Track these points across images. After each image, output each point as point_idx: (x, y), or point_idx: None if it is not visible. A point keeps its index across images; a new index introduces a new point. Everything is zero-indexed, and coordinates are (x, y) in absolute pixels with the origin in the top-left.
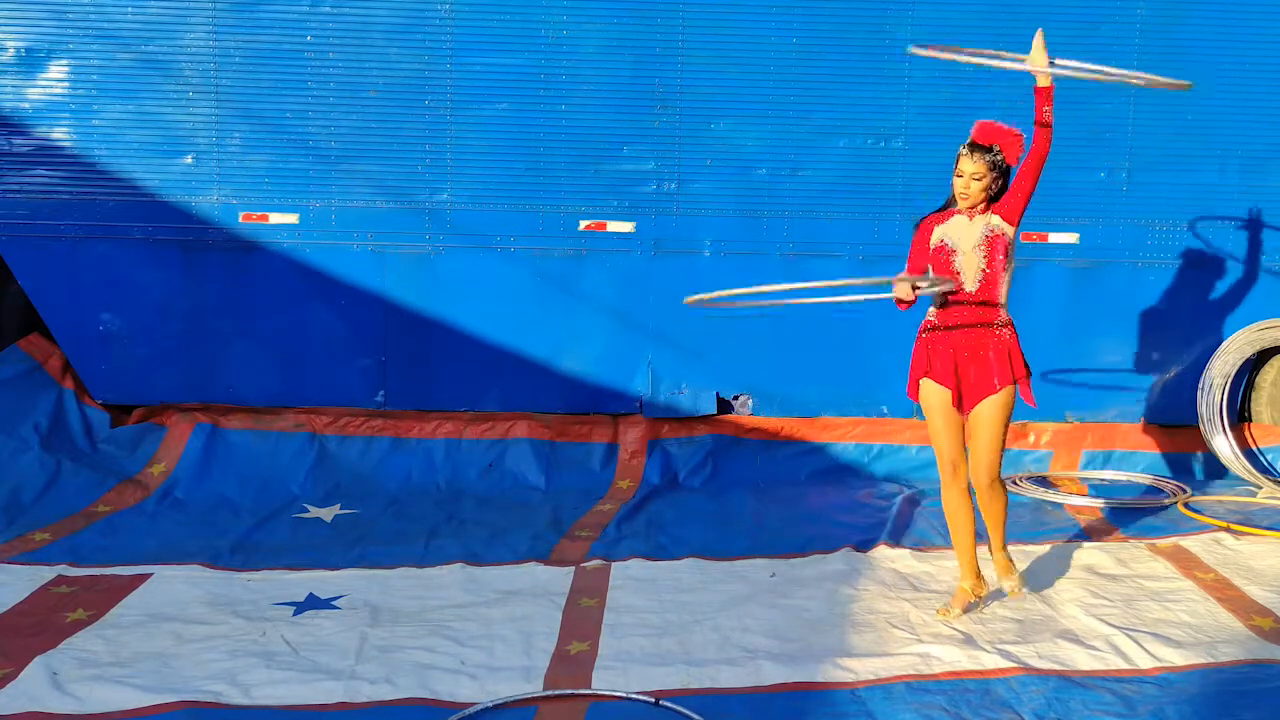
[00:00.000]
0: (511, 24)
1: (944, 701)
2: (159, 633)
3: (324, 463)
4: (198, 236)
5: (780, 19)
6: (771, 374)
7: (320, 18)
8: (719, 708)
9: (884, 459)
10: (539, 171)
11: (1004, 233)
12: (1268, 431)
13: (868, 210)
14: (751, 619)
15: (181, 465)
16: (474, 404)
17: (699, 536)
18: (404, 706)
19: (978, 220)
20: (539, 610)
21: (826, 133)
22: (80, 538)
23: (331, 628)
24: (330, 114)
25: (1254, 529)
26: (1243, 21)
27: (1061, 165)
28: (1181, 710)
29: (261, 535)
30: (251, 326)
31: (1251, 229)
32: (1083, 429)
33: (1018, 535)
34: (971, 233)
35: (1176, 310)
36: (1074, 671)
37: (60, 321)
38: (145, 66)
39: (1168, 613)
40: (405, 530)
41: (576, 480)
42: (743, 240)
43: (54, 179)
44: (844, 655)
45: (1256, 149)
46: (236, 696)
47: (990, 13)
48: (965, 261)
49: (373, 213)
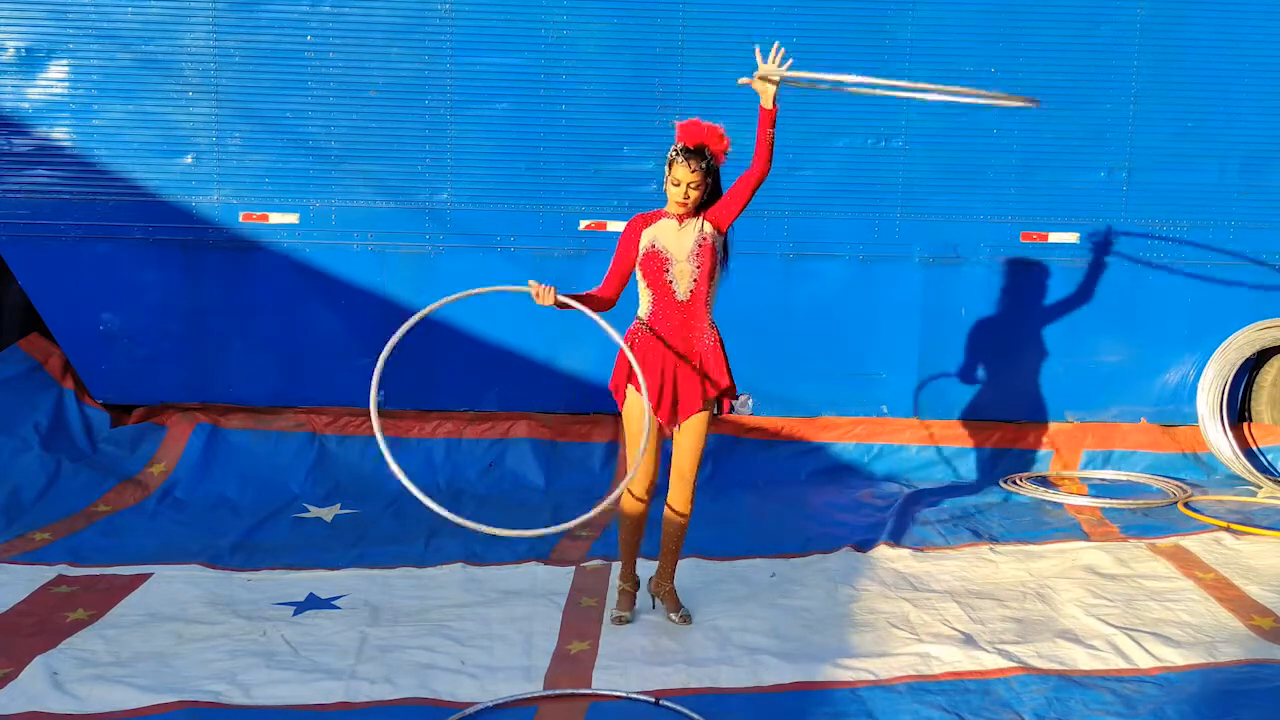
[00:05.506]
0: (511, 24)
1: (944, 701)
2: (159, 633)
3: (324, 462)
4: (198, 236)
5: (780, 19)
6: (771, 374)
7: (320, 18)
8: (719, 708)
9: (884, 459)
10: (539, 171)
11: (715, 240)
12: (1268, 431)
13: (868, 210)
14: (751, 619)
15: (181, 465)
16: (474, 404)
17: (699, 536)
18: (404, 706)
19: (689, 226)
20: (539, 610)
21: (826, 132)
22: (80, 538)
23: (331, 627)
24: (330, 114)
25: (1254, 529)
26: (1243, 21)
27: (1061, 165)
28: (1181, 710)
29: (261, 535)
30: (251, 326)
31: (1251, 229)
32: (1083, 429)
33: (1018, 535)
34: (684, 241)
35: (1176, 310)
36: (1074, 671)
37: (60, 321)
38: (145, 66)
39: (1168, 612)
40: (405, 530)
41: (576, 480)
42: (742, 240)
43: (54, 179)
44: (844, 655)
45: (1256, 149)
46: (236, 696)
47: (990, 13)
48: (679, 271)
49: (373, 212)
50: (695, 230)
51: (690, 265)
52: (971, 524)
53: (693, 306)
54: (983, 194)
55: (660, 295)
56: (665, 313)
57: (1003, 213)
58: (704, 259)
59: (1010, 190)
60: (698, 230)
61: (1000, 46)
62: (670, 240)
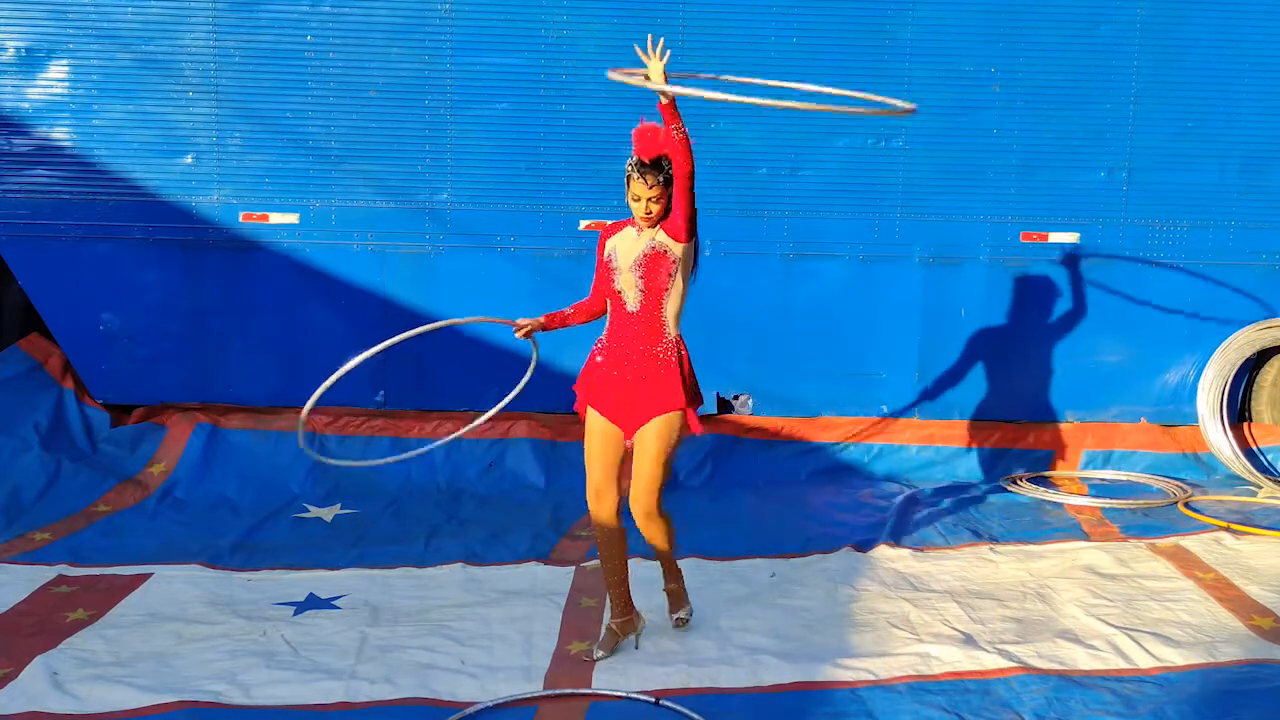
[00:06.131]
0: (511, 24)
1: (944, 701)
2: (159, 633)
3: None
4: (198, 236)
5: (780, 19)
6: (771, 374)
7: (320, 18)
8: (719, 708)
9: (884, 459)
10: (539, 171)
11: (668, 250)
12: (1268, 431)
13: (868, 210)
14: (751, 619)
15: (181, 465)
16: (474, 404)
17: (699, 536)
18: (404, 706)
19: (644, 236)
20: (539, 610)
21: (826, 132)
22: (80, 538)
23: (331, 627)
24: (330, 114)
25: (1254, 529)
26: (1243, 21)
27: (1061, 165)
28: (1181, 710)
29: (261, 535)
30: (251, 326)
31: (1251, 229)
32: (1083, 429)
33: (1018, 535)
34: (634, 250)
35: (1176, 310)
36: (1074, 671)
37: (60, 321)
38: (145, 66)
39: (1168, 612)
40: (405, 530)
41: (577, 480)
42: (743, 240)
43: (54, 179)
44: (844, 655)
45: (1256, 149)
46: (236, 696)
47: (990, 13)
48: (624, 281)
49: (373, 212)
50: (647, 239)
51: (634, 275)
52: (971, 524)
53: (644, 318)
54: (983, 194)
55: (614, 305)
56: (618, 324)
57: (1003, 213)
58: (649, 268)
59: (1010, 190)
60: (649, 239)
61: (1000, 46)
62: (623, 249)
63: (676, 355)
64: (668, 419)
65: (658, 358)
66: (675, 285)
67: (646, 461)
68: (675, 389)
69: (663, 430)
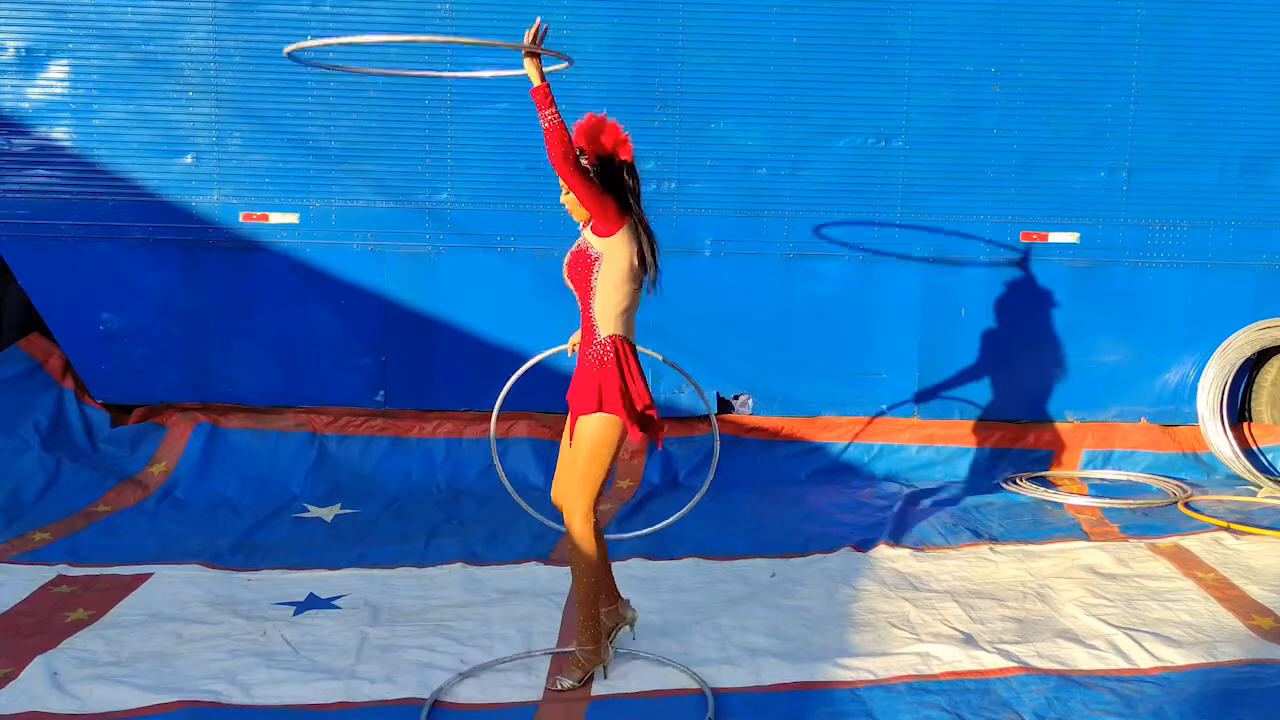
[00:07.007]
0: (512, 24)
1: (944, 701)
2: (159, 632)
3: (324, 462)
4: (198, 236)
5: (780, 19)
6: (771, 374)
7: (320, 18)
8: (719, 707)
9: (884, 459)
10: (539, 171)
11: (589, 247)
12: (1268, 431)
13: (868, 210)
14: (751, 619)
15: (181, 465)
16: (474, 404)
17: (699, 536)
18: (404, 706)
19: (581, 236)
20: (539, 610)
21: (826, 132)
22: (80, 537)
23: (332, 627)
24: (330, 114)
25: (1254, 529)
26: (1243, 21)
27: (1061, 165)
28: (1181, 709)
29: (261, 535)
30: (251, 326)
31: (1251, 229)
32: (1083, 429)
33: (1018, 535)
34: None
35: (1176, 310)
36: (1074, 671)
37: (60, 321)
38: (145, 66)
39: (1168, 612)
40: (405, 530)
41: None
42: (743, 240)
43: (54, 179)
44: (844, 655)
45: (1256, 149)
46: (237, 696)
47: (990, 12)
48: (566, 279)
49: (373, 212)
50: (579, 240)
51: (566, 276)
52: (971, 524)
53: (584, 317)
54: (983, 194)
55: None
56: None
57: (1003, 213)
58: (570, 267)
59: (1010, 190)
60: (580, 240)
61: (1000, 46)
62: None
63: (606, 358)
64: (586, 422)
65: (588, 359)
66: (600, 284)
67: (574, 465)
68: (591, 393)
69: (583, 431)
